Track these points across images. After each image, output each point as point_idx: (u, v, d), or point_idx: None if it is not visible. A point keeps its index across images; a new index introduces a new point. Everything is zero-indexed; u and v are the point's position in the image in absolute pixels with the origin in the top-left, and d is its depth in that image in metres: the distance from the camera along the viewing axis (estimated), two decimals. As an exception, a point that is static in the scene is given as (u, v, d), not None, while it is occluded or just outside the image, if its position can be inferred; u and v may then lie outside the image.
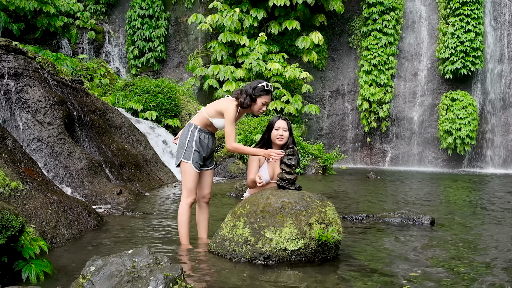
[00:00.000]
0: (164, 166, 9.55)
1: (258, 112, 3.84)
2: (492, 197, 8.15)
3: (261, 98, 3.77)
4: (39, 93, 6.71)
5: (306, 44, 15.50)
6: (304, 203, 3.43)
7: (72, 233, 4.22)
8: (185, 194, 3.81)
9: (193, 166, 3.75)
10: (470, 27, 15.46)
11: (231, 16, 15.17)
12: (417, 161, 16.75)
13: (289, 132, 3.95)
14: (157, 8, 17.28)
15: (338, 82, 17.51)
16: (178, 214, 3.85)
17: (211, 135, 3.89)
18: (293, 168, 3.63)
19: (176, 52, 17.94)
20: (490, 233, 4.78)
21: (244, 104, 3.76)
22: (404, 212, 5.49)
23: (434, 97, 16.68)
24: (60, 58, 13.35)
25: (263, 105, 3.80)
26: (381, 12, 16.47)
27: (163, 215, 5.62)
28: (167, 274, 2.35)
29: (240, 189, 7.51)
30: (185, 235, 3.86)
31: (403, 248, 4.01)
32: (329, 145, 16.82)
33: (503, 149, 16.07)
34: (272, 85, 3.85)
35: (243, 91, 3.80)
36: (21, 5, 14.16)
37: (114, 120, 8.97)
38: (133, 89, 13.17)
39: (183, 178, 3.81)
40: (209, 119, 3.80)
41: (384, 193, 8.44)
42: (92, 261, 2.49)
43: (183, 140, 3.80)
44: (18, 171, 4.47)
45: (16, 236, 2.79)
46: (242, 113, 3.92)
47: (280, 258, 3.27)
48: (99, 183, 6.55)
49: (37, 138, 6.38)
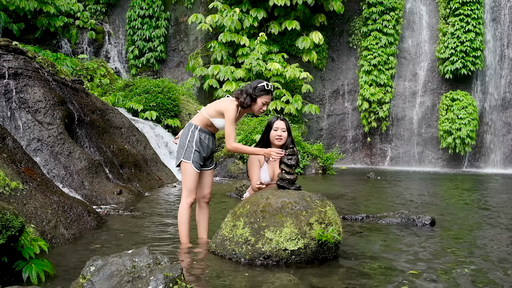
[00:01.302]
0: (164, 166, 9.56)
1: (258, 112, 3.84)
2: (492, 197, 8.15)
3: (261, 98, 3.77)
4: (39, 93, 6.71)
5: (306, 44, 15.50)
6: (304, 203, 3.43)
7: (72, 233, 4.22)
8: (185, 194, 3.81)
9: (193, 166, 3.76)
10: (470, 27, 15.47)
11: (231, 16, 15.17)
12: (417, 161, 16.75)
13: (288, 133, 3.96)
14: (157, 8, 17.29)
15: (338, 82, 17.51)
16: (178, 213, 3.86)
17: (212, 135, 3.90)
18: (293, 168, 3.63)
19: (176, 52, 17.94)
20: (490, 233, 4.78)
21: (245, 104, 3.76)
22: (404, 212, 5.49)
23: (434, 97, 16.68)
24: (60, 58, 13.36)
25: (263, 105, 3.80)
26: (381, 12, 16.48)
27: (163, 215, 5.62)
28: (167, 274, 2.35)
29: (240, 189, 7.51)
30: (185, 235, 3.86)
31: (403, 248, 4.01)
32: (329, 145, 16.83)
33: (503, 149, 16.07)
34: (272, 85, 3.86)
35: (243, 91, 3.80)
36: (21, 5, 14.16)
37: (114, 120, 8.97)
38: (133, 89, 13.17)
39: (183, 178, 3.82)
40: (210, 119, 3.80)
41: (384, 193, 8.44)
42: (92, 261, 2.49)
43: (183, 140, 3.81)
44: (18, 171, 4.47)
45: (16, 236, 2.79)
46: (242, 113, 3.92)
47: (280, 258, 3.27)
48: (99, 183, 6.55)
49: (37, 138, 6.38)
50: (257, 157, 3.92)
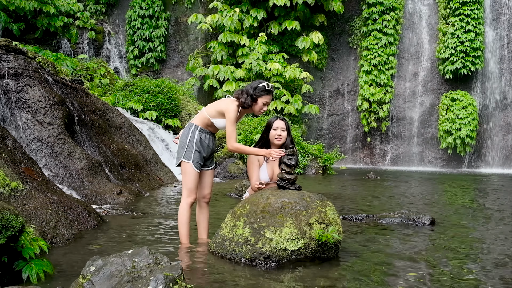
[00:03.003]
0: (164, 166, 9.55)
1: (259, 112, 3.84)
2: (492, 197, 8.15)
3: (262, 98, 3.77)
4: (39, 93, 6.71)
5: (306, 44, 15.50)
6: (304, 203, 3.43)
7: (72, 233, 4.22)
8: (185, 194, 3.81)
9: (194, 166, 3.76)
10: (470, 27, 15.47)
11: (231, 16, 15.17)
12: (417, 161, 16.75)
13: (287, 132, 3.96)
14: (157, 8, 17.29)
15: (338, 82, 17.51)
16: (179, 214, 3.85)
17: (212, 135, 3.90)
18: (293, 168, 3.63)
19: (176, 52, 17.94)
20: (490, 233, 4.78)
21: (245, 104, 3.76)
22: (404, 212, 5.49)
23: (434, 97, 16.68)
24: (60, 58, 13.36)
25: (264, 105, 3.80)
26: (381, 12, 16.48)
27: (163, 215, 5.62)
28: (167, 274, 2.35)
29: (240, 189, 7.51)
30: (185, 235, 3.86)
31: (403, 248, 4.01)
32: (329, 145, 16.83)
33: (503, 149, 16.07)
34: (273, 85, 3.85)
35: (244, 91, 3.80)
36: (21, 5, 14.16)
37: (114, 120, 8.97)
38: (133, 89, 13.18)
39: (183, 178, 3.82)
40: (210, 119, 3.80)
41: (384, 193, 8.44)
42: (92, 261, 2.49)
43: (184, 140, 3.81)
44: (18, 171, 4.47)
45: (16, 236, 2.79)
46: (243, 113, 3.92)
47: (280, 258, 3.27)
48: (99, 183, 6.55)
49: (37, 138, 6.38)
50: (256, 157, 3.92)
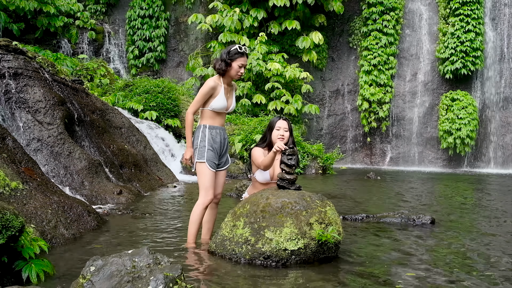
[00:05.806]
0: (164, 166, 9.55)
1: (236, 76, 3.87)
2: (492, 197, 8.15)
3: (236, 61, 3.82)
4: (39, 93, 6.71)
5: (306, 44, 15.50)
6: (304, 203, 3.43)
7: (72, 233, 4.22)
8: (202, 193, 3.79)
9: (208, 164, 3.77)
10: (470, 27, 15.46)
11: (231, 16, 15.16)
12: (417, 161, 16.75)
13: (289, 132, 3.97)
14: (157, 8, 17.28)
15: (338, 82, 17.50)
16: (192, 212, 3.81)
17: (221, 130, 3.92)
18: (293, 168, 3.63)
19: (176, 52, 17.94)
20: (490, 233, 4.78)
21: (221, 70, 3.83)
22: (404, 212, 5.49)
23: (434, 97, 16.67)
24: (60, 58, 13.36)
25: (239, 67, 3.84)
26: (381, 12, 16.47)
27: (163, 215, 5.62)
28: (167, 274, 2.35)
29: (240, 189, 7.51)
30: (193, 235, 3.84)
31: (403, 248, 4.01)
32: (329, 145, 16.82)
33: (503, 149, 16.07)
34: (246, 47, 3.91)
35: (218, 58, 3.88)
36: (21, 5, 14.15)
37: (114, 120, 8.97)
38: (133, 89, 13.17)
39: (199, 179, 3.81)
40: (207, 109, 3.83)
41: (384, 193, 8.44)
42: (92, 261, 2.49)
43: (196, 141, 3.84)
44: (18, 171, 4.47)
45: (16, 236, 2.79)
46: (228, 84, 3.94)
47: (280, 258, 3.27)
48: (99, 183, 6.55)
49: (37, 138, 6.38)
50: (261, 150, 3.97)
